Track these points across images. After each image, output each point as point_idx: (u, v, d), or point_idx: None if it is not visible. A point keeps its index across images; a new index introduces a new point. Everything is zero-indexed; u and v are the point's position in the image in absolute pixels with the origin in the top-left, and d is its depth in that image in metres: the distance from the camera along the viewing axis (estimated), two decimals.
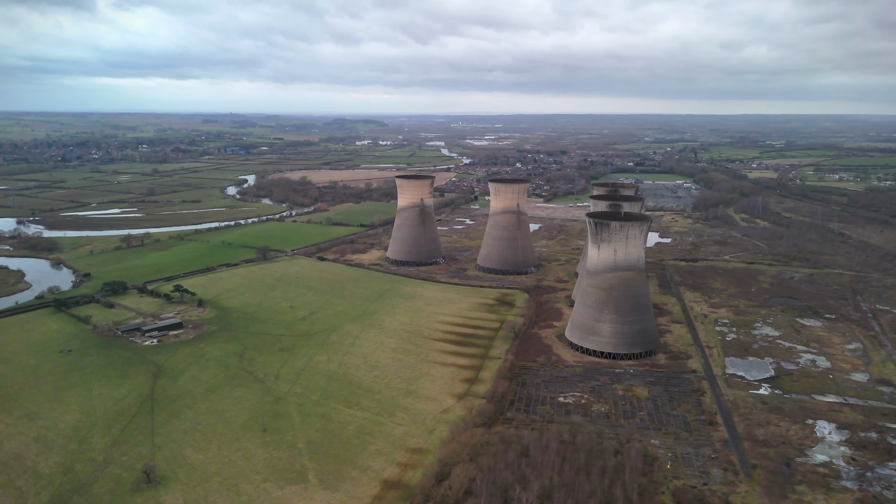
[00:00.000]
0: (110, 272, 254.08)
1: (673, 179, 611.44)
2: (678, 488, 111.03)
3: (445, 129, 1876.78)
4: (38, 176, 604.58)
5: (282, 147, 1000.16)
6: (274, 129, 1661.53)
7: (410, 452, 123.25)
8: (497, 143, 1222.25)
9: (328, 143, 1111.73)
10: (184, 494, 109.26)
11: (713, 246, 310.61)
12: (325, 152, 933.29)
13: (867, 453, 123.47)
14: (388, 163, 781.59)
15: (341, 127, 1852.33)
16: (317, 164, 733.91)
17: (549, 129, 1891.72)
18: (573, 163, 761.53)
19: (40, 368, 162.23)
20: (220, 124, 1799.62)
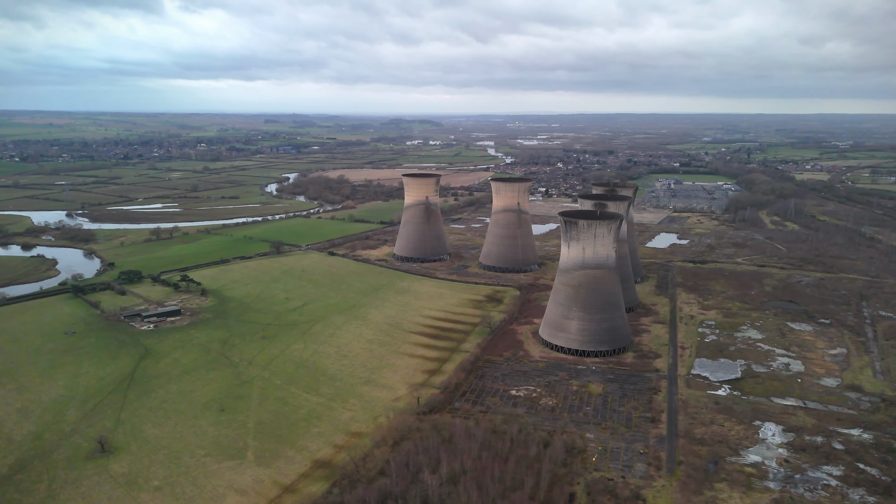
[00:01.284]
0: (133, 262, 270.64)
1: (715, 180, 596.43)
2: (594, 480, 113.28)
3: (500, 129, 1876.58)
4: (98, 172, 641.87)
5: (332, 146, 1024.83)
6: (331, 129, 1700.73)
7: (349, 436, 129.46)
8: (547, 143, 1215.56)
9: (378, 143, 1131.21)
10: (129, 464, 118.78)
11: (729, 248, 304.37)
12: (372, 151, 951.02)
13: (804, 456, 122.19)
14: (430, 162, 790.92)
15: (397, 127, 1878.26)
16: (359, 163, 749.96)
17: (606, 128, 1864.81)
18: (618, 163, 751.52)
19: (43, 348, 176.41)
20: (281, 124, 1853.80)
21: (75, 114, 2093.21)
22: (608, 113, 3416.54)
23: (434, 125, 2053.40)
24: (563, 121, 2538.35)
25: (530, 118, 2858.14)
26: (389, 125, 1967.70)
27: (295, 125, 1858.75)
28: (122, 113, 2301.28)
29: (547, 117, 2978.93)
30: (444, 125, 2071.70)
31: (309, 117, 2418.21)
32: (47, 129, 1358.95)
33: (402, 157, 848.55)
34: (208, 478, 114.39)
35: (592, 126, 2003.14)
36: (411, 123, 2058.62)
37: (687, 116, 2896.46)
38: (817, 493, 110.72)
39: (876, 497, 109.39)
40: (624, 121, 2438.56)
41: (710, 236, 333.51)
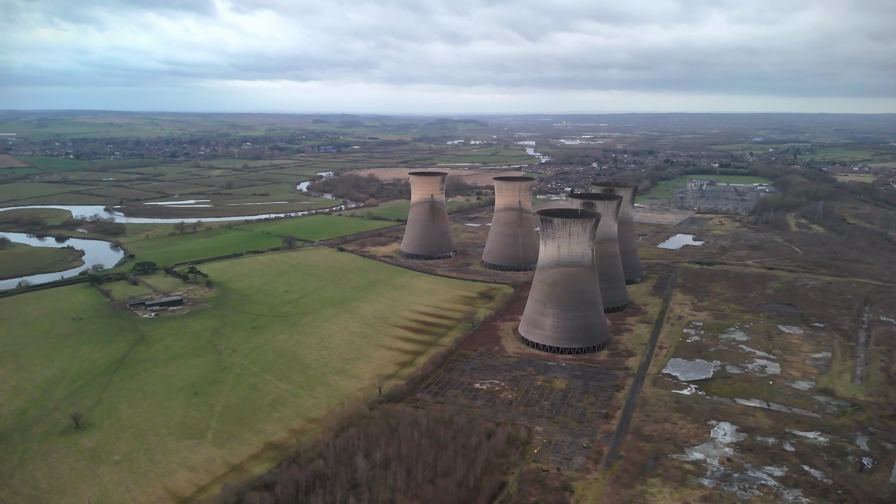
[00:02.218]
0: (152, 254, 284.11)
1: (752, 182, 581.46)
2: (529, 470, 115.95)
3: (546, 128, 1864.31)
4: (144, 169, 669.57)
5: (373, 146, 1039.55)
6: (377, 129, 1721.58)
7: (307, 421, 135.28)
8: (589, 143, 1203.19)
9: (419, 143, 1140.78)
10: (98, 439, 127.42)
11: (743, 250, 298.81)
12: (411, 151, 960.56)
13: (750, 456, 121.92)
14: (465, 161, 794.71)
15: (442, 127, 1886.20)
16: (394, 163, 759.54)
17: (655, 128, 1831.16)
18: (655, 163, 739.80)
19: (50, 331, 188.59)
20: (329, 124, 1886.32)
21: (135, 114, 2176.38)
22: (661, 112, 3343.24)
23: (479, 125, 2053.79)
24: (613, 120, 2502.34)
25: (579, 118, 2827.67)
26: (435, 125, 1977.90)
27: (342, 125, 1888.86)
28: (178, 113, 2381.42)
29: (596, 116, 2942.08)
30: (490, 125, 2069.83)
31: (357, 117, 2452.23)
32: (106, 128, 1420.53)
33: (438, 157, 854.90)
34: (165, 455, 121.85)
35: (642, 126, 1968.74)
36: (456, 123, 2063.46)
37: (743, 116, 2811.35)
38: (751, 492, 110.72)
39: (811, 498, 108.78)
40: (676, 120, 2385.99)
41: (727, 238, 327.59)
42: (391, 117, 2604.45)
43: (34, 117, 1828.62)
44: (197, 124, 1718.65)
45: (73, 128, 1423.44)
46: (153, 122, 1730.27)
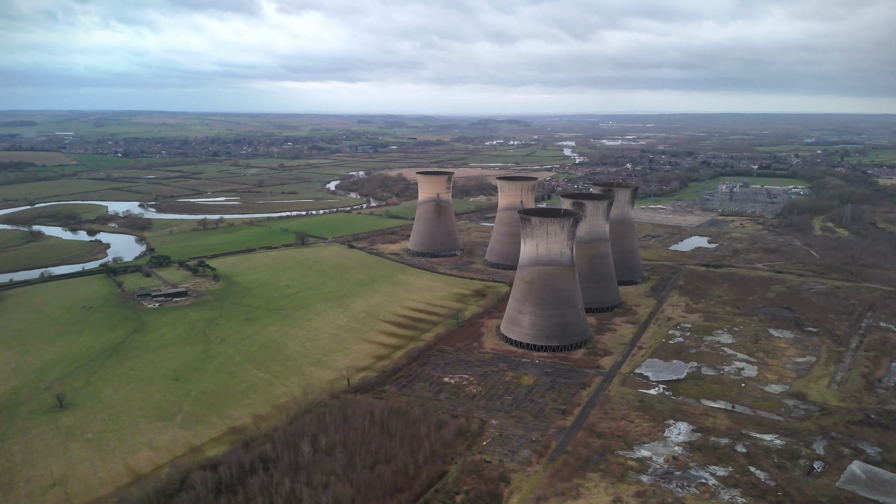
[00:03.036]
0: (171, 248, 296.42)
1: (788, 184, 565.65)
2: (472, 461, 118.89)
3: (590, 129, 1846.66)
4: (185, 168, 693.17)
5: (410, 146, 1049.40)
6: (419, 129, 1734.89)
7: (272, 408, 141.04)
8: (630, 144, 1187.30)
9: (458, 143, 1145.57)
10: (76, 419, 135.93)
11: (756, 253, 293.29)
12: (447, 151, 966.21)
13: (698, 455, 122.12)
14: (498, 162, 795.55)
15: (484, 127, 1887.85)
16: (426, 163, 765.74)
17: (703, 129, 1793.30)
18: (690, 164, 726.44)
19: (59, 319, 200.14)
20: (372, 124, 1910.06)
21: (188, 114, 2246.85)
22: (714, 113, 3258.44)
23: (522, 125, 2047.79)
24: (663, 121, 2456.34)
25: (627, 118, 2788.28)
26: (477, 125, 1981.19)
27: (386, 125, 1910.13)
28: (229, 114, 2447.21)
29: (644, 117, 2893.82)
30: (533, 125, 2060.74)
31: (402, 118, 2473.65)
32: (158, 128, 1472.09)
33: (472, 157, 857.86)
34: (133, 435, 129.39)
35: (690, 126, 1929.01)
36: (499, 124, 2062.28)
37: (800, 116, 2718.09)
38: (688, 490, 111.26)
39: (748, 498, 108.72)
40: (728, 121, 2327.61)
41: (744, 241, 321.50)
42: (436, 118, 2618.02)
43: (94, 117, 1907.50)
44: (245, 124, 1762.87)
45: (128, 127, 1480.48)
46: (203, 123, 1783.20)
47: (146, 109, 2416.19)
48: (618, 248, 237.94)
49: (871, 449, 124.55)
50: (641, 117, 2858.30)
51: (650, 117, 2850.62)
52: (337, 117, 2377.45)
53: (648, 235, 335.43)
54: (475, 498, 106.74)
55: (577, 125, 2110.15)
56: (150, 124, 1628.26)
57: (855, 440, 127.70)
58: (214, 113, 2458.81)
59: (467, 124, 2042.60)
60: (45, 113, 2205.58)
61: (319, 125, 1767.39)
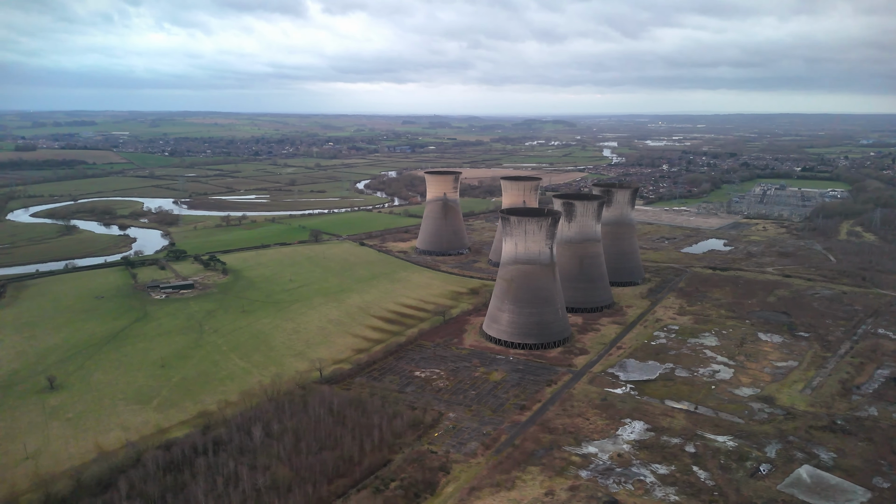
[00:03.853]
0: (192, 243, 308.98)
1: (828, 187, 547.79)
2: (419, 451, 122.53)
3: (638, 129, 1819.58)
4: (225, 167, 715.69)
5: (448, 147, 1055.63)
6: (463, 129, 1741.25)
7: (242, 395, 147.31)
8: (674, 145, 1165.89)
9: (497, 144, 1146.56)
10: (62, 400, 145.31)
11: (770, 257, 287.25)
12: (485, 151, 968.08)
13: (644, 454, 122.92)
14: (533, 162, 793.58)
15: (529, 128, 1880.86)
16: (460, 163, 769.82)
17: (756, 129, 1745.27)
18: (731, 166, 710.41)
19: (72, 307, 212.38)
20: (417, 125, 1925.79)
21: (240, 115, 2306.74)
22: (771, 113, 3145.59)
23: (568, 125, 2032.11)
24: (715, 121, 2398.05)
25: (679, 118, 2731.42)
26: (522, 125, 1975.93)
27: (430, 126, 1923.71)
28: (279, 114, 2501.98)
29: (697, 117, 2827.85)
30: (579, 126, 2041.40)
31: (447, 118, 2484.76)
32: (208, 128, 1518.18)
33: (507, 158, 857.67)
34: (109, 416, 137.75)
35: (743, 127, 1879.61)
36: (544, 124, 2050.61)
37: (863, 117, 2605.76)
38: (623, 486, 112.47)
39: (681, 496, 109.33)
40: (785, 121, 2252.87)
41: (761, 244, 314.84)
42: (481, 118, 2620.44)
43: (151, 118, 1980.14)
44: (293, 125, 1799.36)
45: (181, 128, 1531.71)
46: (253, 123, 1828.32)
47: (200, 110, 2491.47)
48: (616, 250, 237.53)
49: (825, 454, 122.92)
50: (694, 118, 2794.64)
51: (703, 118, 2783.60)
52: (383, 118, 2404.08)
53: (663, 237, 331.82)
54: (409, 485, 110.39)
55: (625, 126, 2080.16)
56: (203, 125, 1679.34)
57: (812, 445, 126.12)
58: (265, 114, 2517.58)
59: (511, 125, 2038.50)
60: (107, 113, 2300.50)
61: (364, 126, 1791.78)
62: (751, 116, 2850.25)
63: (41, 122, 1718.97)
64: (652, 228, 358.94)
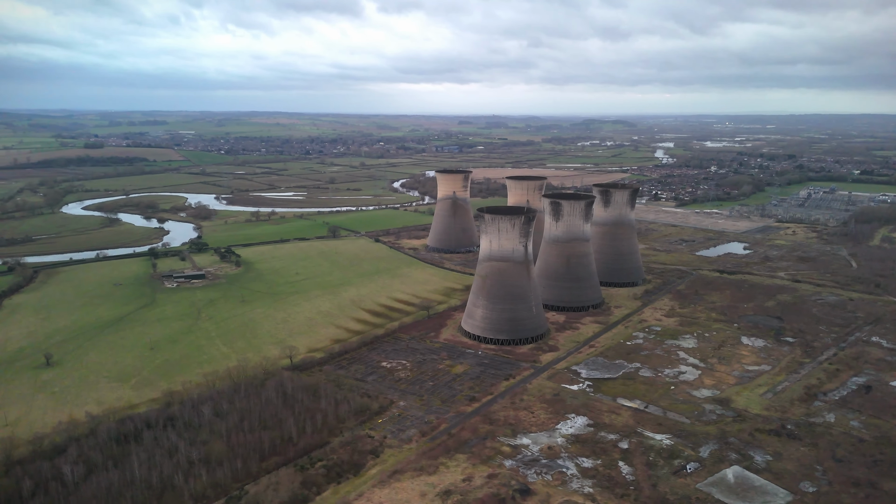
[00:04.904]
0: (218, 236, 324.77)
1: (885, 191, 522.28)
2: (356, 435, 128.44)
3: (701, 129, 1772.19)
4: (274, 165, 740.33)
5: (497, 147, 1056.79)
6: (518, 130, 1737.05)
7: (206, 376, 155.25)
8: (734, 146, 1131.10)
9: (547, 144, 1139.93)
10: (54, 376, 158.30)
11: (789, 261, 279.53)
12: (532, 152, 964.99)
13: (574, 447, 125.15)
14: (578, 162, 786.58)
15: (586, 128, 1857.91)
16: (502, 163, 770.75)
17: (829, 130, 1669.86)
18: (786, 167, 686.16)
19: (89, 293, 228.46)
20: (473, 125, 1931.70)
21: (303, 115, 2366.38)
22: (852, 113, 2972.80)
23: (628, 125, 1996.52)
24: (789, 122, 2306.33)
25: (749, 118, 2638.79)
26: (580, 125, 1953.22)
27: (486, 126, 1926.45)
28: (340, 114, 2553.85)
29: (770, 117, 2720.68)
30: (639, 126, 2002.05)
31: (505, 118, 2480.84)
32: (269, 128, 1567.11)
33: (553, 158, 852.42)
34: (89, 392, 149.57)
35: (815, 128, 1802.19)
36: (603, 124, 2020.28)
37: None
38: (542, 476, 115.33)
39: (596, 489, 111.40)
40: (862, 122, 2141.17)
41: (784, 248, 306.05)
42: (541, 118, 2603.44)
43: (218, 118, 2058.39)
44: (352, 125, 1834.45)
45: (244, 127, 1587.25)
46: (313, 123, 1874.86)
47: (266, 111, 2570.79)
48: (614, 250, 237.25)
49: (761, 457, 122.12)
50: (766, 118, 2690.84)
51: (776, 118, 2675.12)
52: (441, 118, 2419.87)
53: (682, 239, 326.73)
54: (335, 466, 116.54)
55: (689, 126, 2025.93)
56: (265, 124, 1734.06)
57: (750, 447, 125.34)
58: (327, 114, 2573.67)
59: (570, 124, 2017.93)
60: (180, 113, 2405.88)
61: (421, 126, 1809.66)
62: (828, 117, 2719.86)
63: (117, 122, 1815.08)
64: (675, 230, 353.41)
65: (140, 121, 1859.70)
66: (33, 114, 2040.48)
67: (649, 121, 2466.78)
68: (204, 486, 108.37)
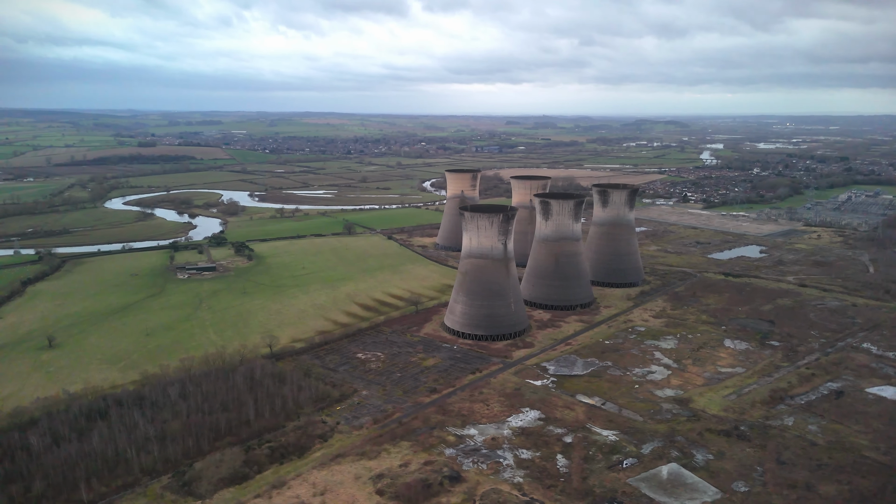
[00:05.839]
0: (241, 231, 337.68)
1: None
2: (311, 420, 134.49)
3: (759, 131, 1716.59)
4: (313, 164, 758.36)
5: (537, 147, 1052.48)
6: (567, 130, 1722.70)
7: (182, 360, 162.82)
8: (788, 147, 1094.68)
9: (591, 144, 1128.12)
10: (54, 356, 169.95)
11: (802, 266, 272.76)
12: (573, 152, 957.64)
13: (518, 440, 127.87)
14: (617, 163, 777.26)
15: (637, 128, 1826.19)
16: (538, 163, 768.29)
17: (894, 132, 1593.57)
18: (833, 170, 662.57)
19: (106, 282, 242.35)
20: (520, 125, 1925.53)
21: (354, 115, 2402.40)
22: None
23: (681, 126, 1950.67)
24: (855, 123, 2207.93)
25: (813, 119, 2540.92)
26: (631, 126, 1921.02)
27: (534, 126, 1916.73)
28: (390, 115, 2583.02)
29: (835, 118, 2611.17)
30: (692, 127, 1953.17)
31: (554, 118, 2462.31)
32: (318, 128, 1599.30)
33: (592, 159, 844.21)
34: (80, 372, 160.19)
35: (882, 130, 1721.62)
36: (655, 125, 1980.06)
37: None
38: (478, 465, 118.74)
39: (526, 479, 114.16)
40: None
41: (801, 253, 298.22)
42: (593, 118, 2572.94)
43: (272, 118, 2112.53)
44: (399, 125, 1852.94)
45: (295, 127, 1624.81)
46: (362, 123, 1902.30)
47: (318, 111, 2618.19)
48: (611, 250, 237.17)
49: (702, 456, 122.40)
50: (832, 118, 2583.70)
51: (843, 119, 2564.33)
52: (490, 118, 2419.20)
53: (697, 241, 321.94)
54: (280, 447, 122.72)
55: (746, 127, 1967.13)
56: (316, 125, 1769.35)
57: (695, 446, 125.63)
58: (378, 114, 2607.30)
59: (620, 125, 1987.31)
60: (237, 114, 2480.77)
61: (467, 126, 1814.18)
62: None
63: (176, 122, 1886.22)
64: (693, 233, 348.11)
65: (197, 121, 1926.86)
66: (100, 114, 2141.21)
67: (705, 121, 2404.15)
68: (155, 460, 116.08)
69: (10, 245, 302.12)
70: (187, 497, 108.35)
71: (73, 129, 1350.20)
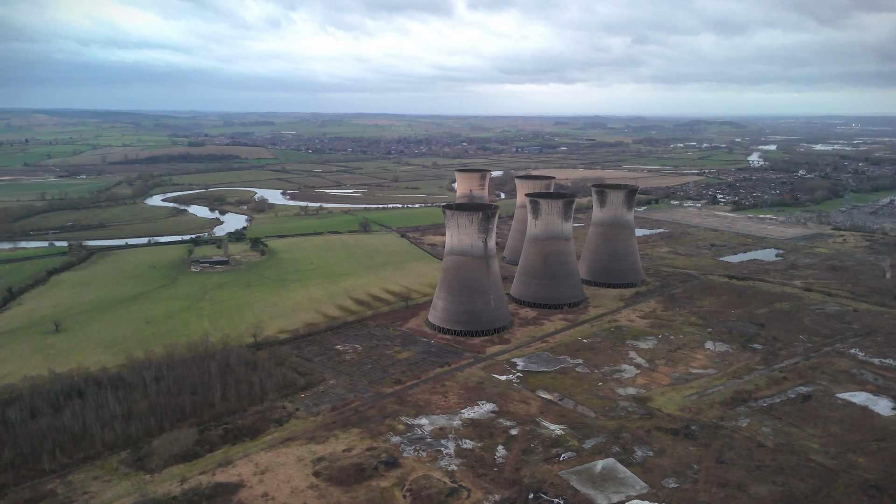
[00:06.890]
0: (263, 228, 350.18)
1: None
2: (273, 406, 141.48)
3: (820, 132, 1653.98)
4: (352, 164, 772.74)
5: (579, 147, 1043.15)
6: (616, 130, 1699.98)
7: (165, 347, 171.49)
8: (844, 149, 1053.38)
9: (636, 145, 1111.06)
10: (57, 340, 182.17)
11: (816, 270, 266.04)
12: (615, 153, 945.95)
13: (466, 430, 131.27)
14: (657, 164, 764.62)
15: (691, 129, 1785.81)
16: (575, 164, 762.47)
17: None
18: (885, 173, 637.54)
19: (125, 272, 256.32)
20: (568, 126, 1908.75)
21: (402, 116, 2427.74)
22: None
23: (737, 127, 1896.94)
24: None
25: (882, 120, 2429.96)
26: (684, 126, 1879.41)
27: (583, 126, 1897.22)
28: (438, 116, 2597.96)
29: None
30: (748, 127, 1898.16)
31: (605, 118, 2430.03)
32: (366, 129, 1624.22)
33: (633, 160, 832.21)
34: (76, 355, 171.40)
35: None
36: (710, 125, 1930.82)
37: None
38: (420, 452, 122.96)
39: (460, 468, 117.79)
40: None
41: (818, 257, 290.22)
42: (646, 118, 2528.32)
43: (323, 119, 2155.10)
44: (446, 126, 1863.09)
45: (343, 128, 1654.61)
46: (409, 124, 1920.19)
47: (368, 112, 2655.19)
48: (608, 250, 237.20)
49: (642, 452, 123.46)
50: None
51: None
52: (539, 119, 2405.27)
53: (713, 244, 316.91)
54: (235, 429, 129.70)
55: (807, 128, 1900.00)
56: (364, 125, 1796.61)
57: (638, 443, 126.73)
58: (426, 115, 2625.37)
59: (673, 125, 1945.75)
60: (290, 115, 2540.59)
61: (514, 126, 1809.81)
62: None
63: (231, 122, 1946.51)
64: (711, 235, 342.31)
65: (252, 122, 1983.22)
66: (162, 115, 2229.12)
67: (766, 122, 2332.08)
68: (117, 436, 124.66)
69: (45, 238, 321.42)
70: (139, 471, 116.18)
71: (134, 129, 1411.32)
